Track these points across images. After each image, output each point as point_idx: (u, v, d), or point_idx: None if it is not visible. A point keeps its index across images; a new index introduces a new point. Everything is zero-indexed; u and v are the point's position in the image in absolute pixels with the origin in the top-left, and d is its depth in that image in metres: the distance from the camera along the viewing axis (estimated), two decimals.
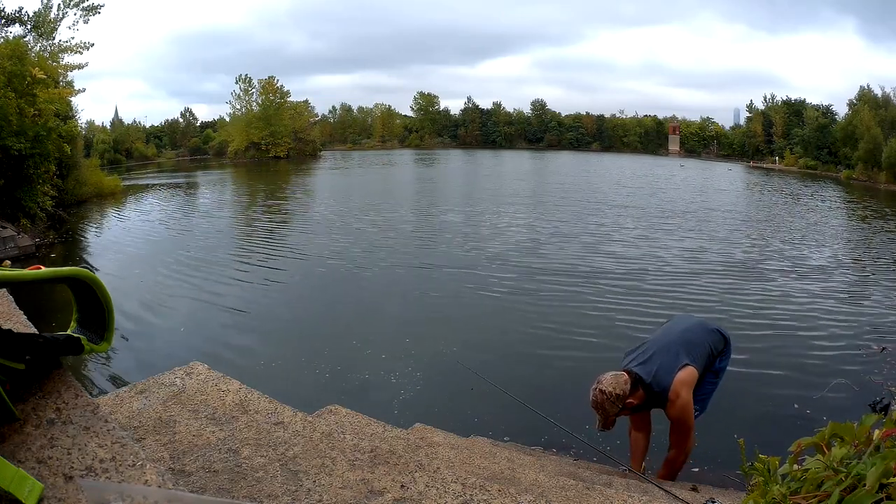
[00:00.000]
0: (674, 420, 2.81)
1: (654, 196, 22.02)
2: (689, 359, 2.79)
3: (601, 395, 2.71)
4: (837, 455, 0.78)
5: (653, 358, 2.81)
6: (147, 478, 0.81)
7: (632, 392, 2.75)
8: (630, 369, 2.82)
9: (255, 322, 7.38)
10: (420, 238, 13.22)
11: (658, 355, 2.81)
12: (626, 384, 2.72)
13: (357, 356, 6.01)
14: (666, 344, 2.87)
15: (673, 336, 2.94)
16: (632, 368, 2.82)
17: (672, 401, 2.73)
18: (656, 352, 2.84)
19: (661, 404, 2.82)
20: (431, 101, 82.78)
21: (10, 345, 0.82)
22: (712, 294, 8.53)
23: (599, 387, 2.73)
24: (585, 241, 12.82)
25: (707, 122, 72.25)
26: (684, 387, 2.73)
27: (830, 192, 27.81)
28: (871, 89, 40.87)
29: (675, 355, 2.79)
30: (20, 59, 13.52)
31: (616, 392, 2.69)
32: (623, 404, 2.72)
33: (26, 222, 13.37)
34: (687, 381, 2.75)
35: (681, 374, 2.74)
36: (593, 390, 2.75)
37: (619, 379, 2.74)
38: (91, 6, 18.90)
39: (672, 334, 2.96)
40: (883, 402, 4.21)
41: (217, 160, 53.98)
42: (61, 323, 1.03)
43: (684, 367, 2.76)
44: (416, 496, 1.42)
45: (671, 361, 2.77)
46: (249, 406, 1.83)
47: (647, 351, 2.89)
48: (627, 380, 2.74)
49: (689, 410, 2.76)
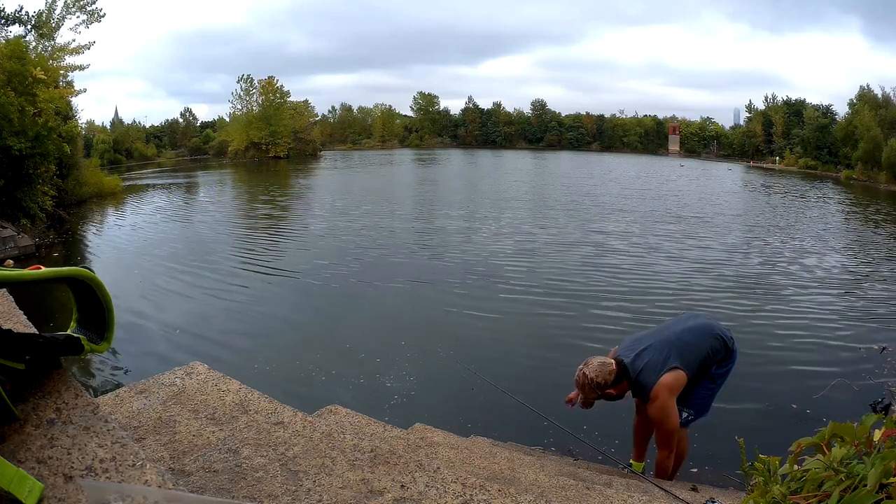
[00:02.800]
0: (653, 420, 2.81)
1: (660, 200, 21.92)
2: (678, 362, 2.73)
3: (583, 378, 2.72)
4: (837, 455, 0.78)
5: (643, 354, 2.78)
6: (147, 478, 0.80)
7: (615, 383, 2.73)
8: (619, 359, 2.80)
9: (255, 322, 7.37)
10: (420, 239, 13.22)
11: (649, 352, 2.78)
12: (611, 375, 2.71)
13: (357, 356, 6.01)
14: (660, 342, 2.81)
15: (670, 335, 2.87)
16: (620, 359, 2.80)
17: (652, 400, 2.71)
18: (648, 348, 2.80)
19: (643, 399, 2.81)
20: (431, 101, 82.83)
21: (10, 345, 0.82)
22: (712, 294, 8.53)
23: (585, 370, 2.74)
24: (586, 241, 12.82)
25: (707, 122, 72.30)
26: (665, 389, 2.68)
27: (831, 193, 27.80)
28: (870, 89, 40.94)
29: (664, 356, 2.74)
30: (20, 58, 13.52)
31: (598, 380, 2.69)
32: (602, 392, 2.73)
33: (26, 222, 13.37)
34: (670, 385, 2.69)
35: (666, 376, 2.69)
36: (579, 370, 2.76)
37: (605, 367, 2.72)
38: (94, 12, 18.94)
39: (670, 332, 2.90)
40: (883, 402, 4.21)
41: (217, 160, 53.96)
42: (61, 323, 1.03)
43: (672, 369, 2.70)
44: (416, 496, 1.42)
45: (659, 361, 2.73)
46: (249, 406, 1.83)
47: (642, 344, 2.85)
48: (613, 370, 2.72)
49: (667, 412, 2.71)
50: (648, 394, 2.71)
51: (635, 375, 2.74)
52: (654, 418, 2.77)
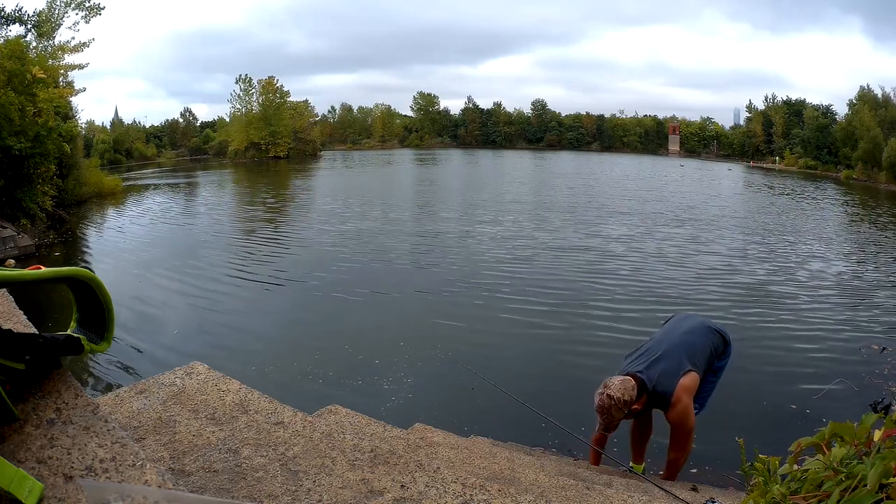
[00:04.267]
0: (674, 424, 2.82)
1: (662, 202, 21.88)
2: (690, 364, 2.80)
3: (608, 401, 2.69)
4: (837, 455, 0.78)
5: (656, 363, 2.81)
6: (147, 478, 0.80)
7: (637, 398, 2.75)
8: (635, 374, 2.80)
9: (255, 322, 7.37)
10: (420, 240, 13.22)
11: (661, 360, 2.81)
12: (634, 390, 2.72)
13: (357, 356, 6.01)
14: (669, 348, 2.86)
15: (675, 339, 2.92)
16: (636, 373, 2.81)
17: (674, 405, 2.74)
18: (659, 356, 2.83)
19: (662, 407, 2.82)
20: (431, 101, 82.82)
21: (10, 345, 0.82)
22: (712, 295, 8.53)
23: (608, 391, 2.71)
24: (587, 244, 12.83)
25: (707, 122, 72.30)
26: (686, 393, 2.74)
27: (832, 193, 27.80)
28: (870, 89, 40.91)
29: (677, 360, 2.79)
30: (20, 58, 13.52)
31: (624, 398, 2.69)
32: (629, 410, 2.72)
33: (26, 222, 13.36)
34: (689, 387, 2.76)
35: (683, 379, 2.74)
36: (600, 395, 2.73)
37: (627, 384, 2.72)
38: (93, 7, 18.92)
39: (674, 337, 2.95)
40: (883, 402, 4.21)
41: (217, 160, 53.95)
42: (61, 323, 1.03)
43: (687, 372, 2.77)
44: (416, 496, 1.41)
45: (674, 367, 2.77)
46: (249, 406, 1.83)
47: (649, 354, 2.88)
48: (634, 385, 2.73)
49: (688, 414, 2.76)
50: (670, 399, 2.74)
51: (653, 386, 2.76)
52: (676, 421, 2.79)
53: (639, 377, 2.78)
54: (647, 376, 2.77)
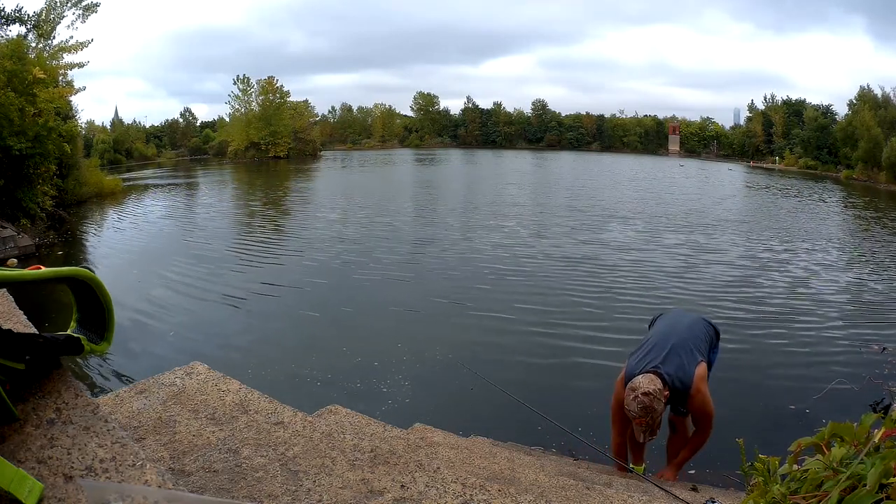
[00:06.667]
0: (697, 412, 2.89)
1: (664, 205, 21.85)
2: (700, 355, 2.91)
3: (647, 398, 2.67)
4: (837, 455, 0.78)
5: (669, 357, 2.85)
6: (147, 478, 0.80)
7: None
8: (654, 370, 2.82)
9: (255, 322, 7.37)
10: (420, 240, 13.22)
11: (673, 354, 2.86)
12: (660, 382, 2.75)
13: (357, 356, 6.01)
14: (678, 342, 2.92)
15: (682, 333, 3.00)
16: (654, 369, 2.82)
17: (693, 396, 2.81)
18: (670, 352, 2.87)
19: (681, 400, 2.87)
20: (431, 101, 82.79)
21: (10, 345, 0.82)
22: (712, 295, 8.53)
23: (641, 390, 2.68)
24: (587, 242, 12.83)
25: (707, 122, 72.25)
26: (703, 382, 2.83)
27: (833, 194, 27.79)
28: (870, 89, 40.86)
29: (689, 352, 2.88)
30: (20, 58, 13.52)
31: (657, 387, 2.71)
32: (665, 399, 2.76)
33: (26, 222, 13.35)
34: (704, 377, 2.86)
35: (698, 370, 2.84)
36: (636, 399, 2.67)
37: (653, 378, 2.75)
38: (89, 5, 18.92)
39: (679, 331, 3.02)
40: (883, 403, 4.21)
41: (217, 160, 53.92)
42: (61, 323, 1.03)
43: (700, 363, 2.87)
44: (416, 496, 1.42)
45: (688, 359, 2.86)
46: (249, 406, 1.83)
47: (658, 350, 2.91)
48: (655, 377, 2.76)
49: (708, 400, 2.86)
50: (689, 391, 2.80)
51: (671, 378, 2.79)
52: (699, 410, 2.87)
53: (658, 372, 2.80)
54: (665, 371, 2.81)
